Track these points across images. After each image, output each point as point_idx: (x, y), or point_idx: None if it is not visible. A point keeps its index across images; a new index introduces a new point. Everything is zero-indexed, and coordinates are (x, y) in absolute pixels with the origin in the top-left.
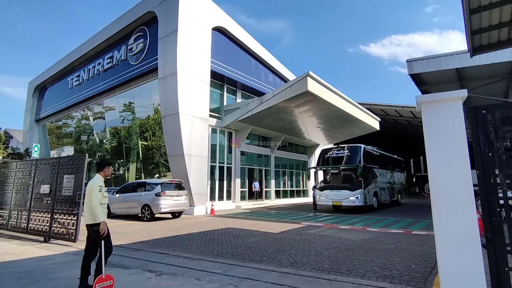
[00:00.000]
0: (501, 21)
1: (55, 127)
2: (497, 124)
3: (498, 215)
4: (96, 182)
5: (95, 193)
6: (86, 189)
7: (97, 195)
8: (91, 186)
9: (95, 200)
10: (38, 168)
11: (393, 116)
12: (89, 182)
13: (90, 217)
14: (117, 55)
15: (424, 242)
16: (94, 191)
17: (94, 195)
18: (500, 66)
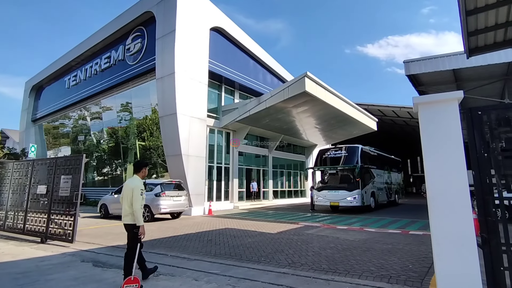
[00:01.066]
0: (497, 23)
1: (52, 127)
2: (493, 125)
3: (494, 215)
4: (138, 185)
5: (136, 196)
6: (124, 189)
7: (138, 198)
8: (133, 188)
9: (137, 204)
10: (34, 169)
11: (390, 116)
12: (129, 183)
13: (128, 217)
14: (115, 55)
15: (421, 242)
16: (136, 194)
17: (136, 198)
18: (496, 67)
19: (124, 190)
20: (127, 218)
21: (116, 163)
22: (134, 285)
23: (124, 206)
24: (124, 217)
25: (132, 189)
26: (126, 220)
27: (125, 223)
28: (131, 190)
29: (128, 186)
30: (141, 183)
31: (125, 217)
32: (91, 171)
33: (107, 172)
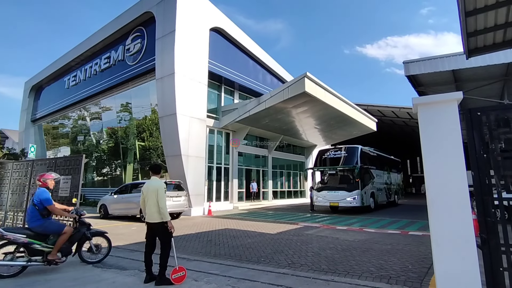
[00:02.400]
0: (496, 24)
1: (51, 128)
2: (492, 126)
3: (493, 216)
4: (161, 185)
5: (162, 195)
6: (146, 191)
7: (164, 197)
8: (157, 188)
9: (163, 202)
10: (34, 169)
11: (390, 117)
12: (152, 184)
13: (156, 216)
14: (114, 55)
15: (421, 243)
16: (161, 193)
17: (161, 196)
18: (495, 68)
19: (147, 192)
20: (154, 217)
21: (116, 163)
22: (181, 273)
23: (149, 207)
24: (150, 217)
25: (157, 189)
26: (154, 219)
27: (154, 221)
28: (155, 190)
29: (151, 187)
30: (163, 183)
31: (152, 217)
32: (90, 171)
33: (106, 172)
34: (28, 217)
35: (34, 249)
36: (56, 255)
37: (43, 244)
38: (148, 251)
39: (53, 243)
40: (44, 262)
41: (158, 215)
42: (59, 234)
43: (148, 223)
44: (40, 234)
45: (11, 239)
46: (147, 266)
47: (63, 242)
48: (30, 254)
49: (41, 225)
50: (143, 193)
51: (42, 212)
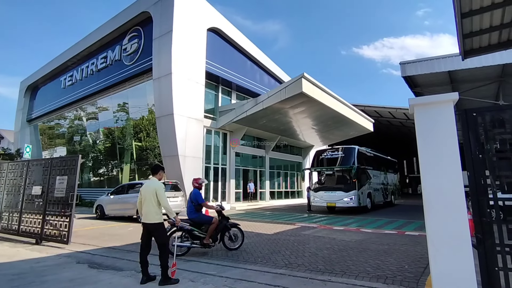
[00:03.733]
0: (491, 25)
1: (47, 128)
2: (488, 127)
3: (488, 216)
4: (160, 186)
5: (162, 195)
6: (144, 192)
7: (165, 196)
8: (156, 188)
9: (165, 201)
10: (29, 169)
11: (386, 117)
12: (150, 185)
13: (152, 217)
14: (111, 55)
15: (417, 243)
16: (161, 193)
17: (162, 196)
18: (491, 69)
19: (145, 192)
20: (151, 218)
21: (112, 163)
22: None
23: (147, 207)
24: (147, 218)
25: (155, 190)
26: (150, 220)
27: (150, 222)
28: (154, 191)
29: (149, 187)
30: (162, 184)
31: (149, 218)
32: (87, 171)
33: (103, 172)
34: (188, 211)
35: (194, 235)
36: (209, 240)
37: (199, 231)
38: (143, 252)
39: (206, 230)
40: (201, 245)
41: (155, 216)
42: (210, 223)
43: (145, 224)
44: (197, 223)
45: (181, 226)
46: (143, 266)
47: (213, 230)
48: (192, 238)
49: (198, 217)
50: (141, 194)
51: (197, 207)
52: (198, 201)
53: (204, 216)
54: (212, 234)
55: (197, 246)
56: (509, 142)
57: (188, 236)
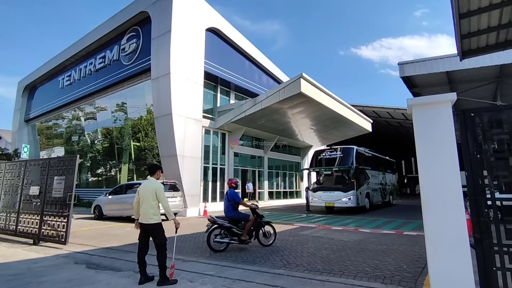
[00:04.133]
0: (489, 26)
1: (45, 128)
2: (485, 127)
3: (486, 216)
4: (159, 186)
5: (163, 194)
6: (142, 192)
7: (165, 197)
8: (156, 188)
9: (166, 201)
10: (27, 169)
11: (385, 118)
12: (149, 186)
13: (150, 217)
14: (110, 55)
15: (415, 243)
16: (161, 193)
17: (162, 197)
18: (489, 69)
19: (143, 193)
20: (149, 218)
21: (111, 163)
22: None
23: (144, 209)
24: (144, 218)
25: (154, 190)
26: (148, 220)
27: (149, 223)
28: (153, 191)
29: (148, 188)
30: (161, 184)
31: (147, 218)
32: (85, 171)
33: (101, 173)
34: (225, 210)
35: (232, 231)
36: (246, 236)
37: (237, 228)
38: (142, 252)
39: (243, 228)
40: (239, 241)
41: (153, 216)
42: (247, 221)
43: (142, 224)
44: (234, 220)
45: (220, 224)
46: (141, 267)
47: (249, 227)
48: (230, 235)
49: (235, 215)
50: (138, 194)
51: (234, 206)
52: (236, 200)
53: (241, 214)
54: (249, 231)
55: (235, 242)
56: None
57: (226, 233)
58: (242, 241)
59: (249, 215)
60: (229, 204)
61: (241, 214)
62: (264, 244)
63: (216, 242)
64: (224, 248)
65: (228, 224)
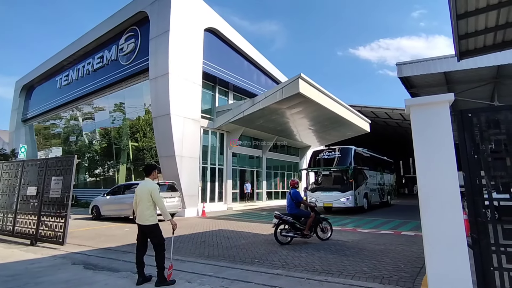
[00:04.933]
0: (487, 27)
1: (42, 128)
2: (483, 127)
3: (484, 216)
4: (154, 187)
5: (158, 195)
6: (139, 193)
7: (160, 198)
8: (151, 189)
9: (161, 202)
10: (24, 170)
11: (383, 118)
12: (144, 187)
13: (147, 218)
14: (108, 55)
15: (413, 243)
16: (157, 194)
17: (158, 198)
18: (486, 70)
19: (140, 193)
20: (145, 220)
21: (109, 164)
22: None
23: (141, 209)
24: (141, 219)
25: (150, 191)
26: (145, 221)
27: (146, 224)
28: (148, 192)
29: (143, 189)
30: (156, 185)
31: (143, 219)
32: (82, 172)
33: (99, 173)
34: (288, 208)
35: (296, 227)
36: (308, 231)
37: (299, 224)
38: (139, 253)
39: (304, 223)
40: (301, 236)
41: (149, 217)
42: (308, 217)
43: (140, 225)
44: (297, 217)
45: (285, 220)
46: (139, 267)
47: (311, 223)
48: (294, 230)
49: (298, 212)
50: (136, 195)
51: (297, 204)
52: (298, 199)
53: (303, 211)
54: (310, 226)
55: (298, 236)
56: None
57: (290, 228)
58: (304, 236)
59: (310, 213)
60: (292, 203)
61: (303, 211)
62: (322, 238)
63: (283, 236)
64: (288, 241)
65: (292, 220)
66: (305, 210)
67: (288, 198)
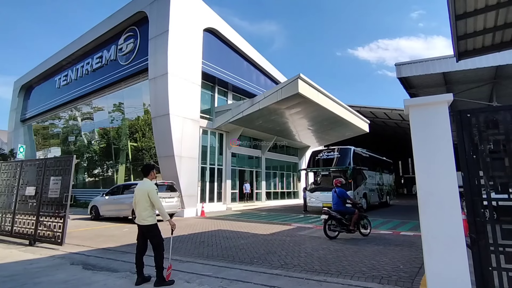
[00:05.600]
0: (485, 27)
1: (41, 128)
2: (481, 128)
3: (482, 216)
4: (152, 187)
5: (156, 196)
6: (137, 194)
7: (158, 198)
8: (148, 190)
9: (159, 202)
10: (23, 170)
11: (382, 118)
12: (142, 187)
13: (146, 218)
14: (107, 55)
15: (412, 243)
16: (154, 194)
17: (155, 198)
18: (484, 70)
19: (138, 195)
20: (144, 220)
21: (108, 164)
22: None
23: (139, 210)
24: (140, 220)
25: (147, 192)
26: (144, 222)
27: (144, 224)
28: (146, 193)
29: (141, 190)
30: (154, 185)
31: (142, 220)
32: (81, 172)
33: (98, 173)
34: (335, 205)
35: (342, 222)
36: (353, 226)
37: (345, 219)
38: (139, 253)
39: (349, 220)
40: (347, 231)
41: (148, 218)
42: (353, 214)
43: (139, 225)
44: (343, 213)
45: (333, 216)
46: (138, 268)
47: (355, 220)
48: (340, 225)
49: (345, 209)
50: (135, 195)
51: (343, 201)
52: (345, 197)
53: (349, 208)
54: (355, 222)
55: (344, 231)
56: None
57: (336, 224)
58: (350, 231)
59: (355, 210)
60: (339, 200)
61: (349, 208)
62: (364, 234)
63: (331, 230)
64: (335, 236)
65: (339, 216)
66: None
67: (334, 196)
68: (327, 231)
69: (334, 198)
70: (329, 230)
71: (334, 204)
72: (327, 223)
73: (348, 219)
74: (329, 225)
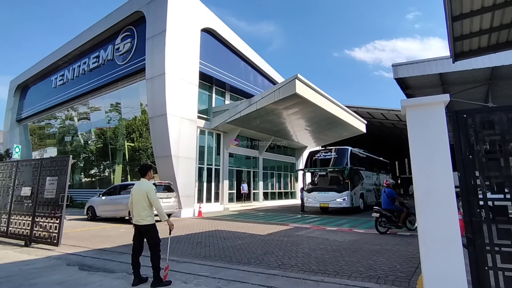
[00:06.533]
0: (481, 28)
1: (37, 128)
2: (477, 128)
3: (478, 216)
4: (150, 187)
5: (154, 196)
6: (135, 194)
7: (157, 198)
8: (147, 190)
9: (158, 203)
10: (19, 170)
11: (379, 119)
12: (140, 187)
13: (144, 218)
14: (103, 55)
15: (409, 243)
16: (153, 195)
17: (154, 199)
18: (481, 71)
19: (135, 195)
20: (142, 220)
21: (104, 164)
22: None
23: (137, 210)
24: (138, 220)
25: (146, 192)
26: (142, 222)
27: (141, 224)
28: (144, 193)
29: (139, 190)
30: (152, 185)
31: (140, 220)
32: (78, 172)
33: (94, 173)
34: (385, 204)
35: (391, 220)
36: (402, 223)
37: (394, 217)
38: (135, 254)
39: (397, 217)
40: (396, 227)
41: (146, 217)
42: (402, 212)
43: (136, 225)
44: (391, 211)
45: (384, 214)
46: (135, 268)
47: (404, 217)
48: (389, 222)
49: (394, 208)
50: (132, 195)
51: (392, 200)
52: (394, 196)
53: (398, 207)
54: (403, 219)
55: (393, 227)
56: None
57: (385, 220)
58: (399, 227)
59: (403, 208)
60: (387, 199)
61: (398, 207)
62: (411, 229)
63: (381, 227)
64: (385, 231)
65: (389, 214)
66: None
67: (383, 196)
68: (378, 227)
69: (383, 198)
70: (380, 226)
71: (383, 203)
72: (377, 220)
73: (396, 216)
74: (380, 222)
